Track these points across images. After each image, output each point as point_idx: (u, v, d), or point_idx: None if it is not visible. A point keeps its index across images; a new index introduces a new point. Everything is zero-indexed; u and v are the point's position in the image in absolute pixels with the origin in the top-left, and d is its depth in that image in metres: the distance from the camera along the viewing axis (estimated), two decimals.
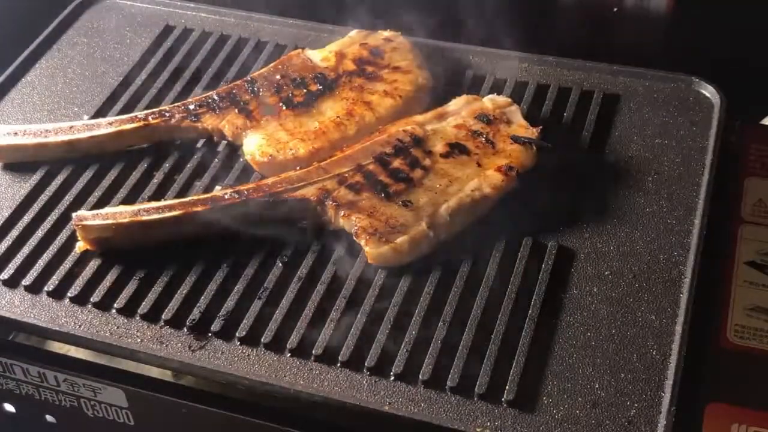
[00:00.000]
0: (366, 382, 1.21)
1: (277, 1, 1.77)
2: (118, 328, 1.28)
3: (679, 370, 1.19)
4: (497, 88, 1.58)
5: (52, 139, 1.49)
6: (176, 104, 1.53)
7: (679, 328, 1.24)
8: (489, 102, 1.51)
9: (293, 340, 1.25)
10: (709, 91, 1.56)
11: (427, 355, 1.22)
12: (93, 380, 1.31)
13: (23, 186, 1.48)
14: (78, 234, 1.36)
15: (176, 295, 1.31)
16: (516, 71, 1.62)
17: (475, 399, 1.19)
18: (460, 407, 1.18)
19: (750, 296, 1.32)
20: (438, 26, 1.65)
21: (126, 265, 1.35)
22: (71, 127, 1.50)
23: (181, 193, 1.45)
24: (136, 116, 1.51)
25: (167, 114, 1.51)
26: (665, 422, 1.15)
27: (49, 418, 1.41)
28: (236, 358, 1.24)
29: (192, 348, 1.26)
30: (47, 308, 1.31)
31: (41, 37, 1.74)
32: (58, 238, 1.39)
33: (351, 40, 1.63)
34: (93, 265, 1.35)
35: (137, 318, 1.29)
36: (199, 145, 1.53)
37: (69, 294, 1.32)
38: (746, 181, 1.47)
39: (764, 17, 1.69)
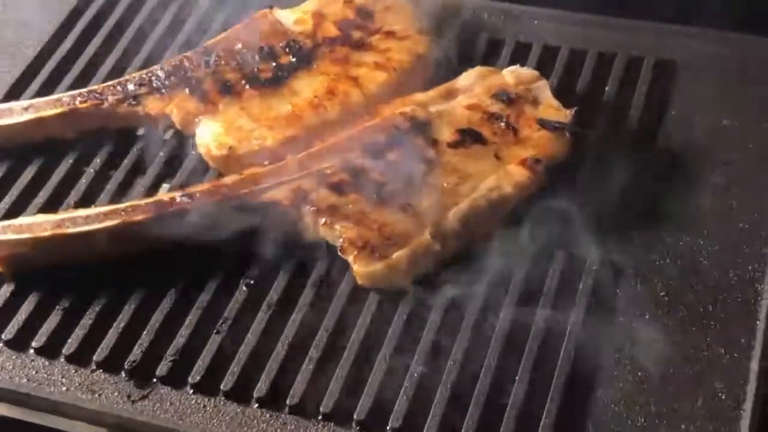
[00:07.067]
0: None
1: None
2: (37, 373, 1.29)
3: (755, 418, 1.20)
4: (520, 57, 1.59)
5: None
6: (110, 83, 1.54)
7: (754, 365, 1.25)
8: (510, 75, 1.52)
9: (261, 387, 1.25)
10: None
11: (433, 406, 1.21)
12: None
13: None
14: None
15: (111, 330, 1.32)
16: (544, 34, 1.63)
17: None
18: None
19: None
20: None
21: (46, 292, 1.36)
22: None
23: (117, 198, 1.45)
24: (59, 99, 1.53)
25: (99, 96, 1.52)
26: None
27: None
28: (189, 411, 1.24)
29: (132, 398, 1.26)
30: None
31: None
32: None
33: None
34: (4, 292, 1.36)
35: (62, 360, 1.30)
36: (140, 133, 1.53)
37: None
38: None
39: None
